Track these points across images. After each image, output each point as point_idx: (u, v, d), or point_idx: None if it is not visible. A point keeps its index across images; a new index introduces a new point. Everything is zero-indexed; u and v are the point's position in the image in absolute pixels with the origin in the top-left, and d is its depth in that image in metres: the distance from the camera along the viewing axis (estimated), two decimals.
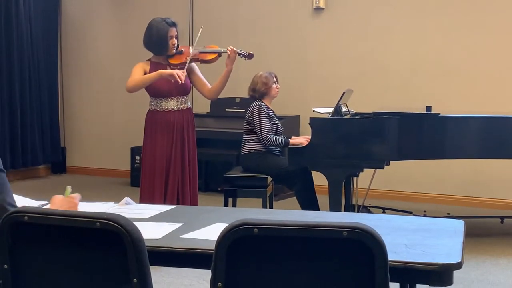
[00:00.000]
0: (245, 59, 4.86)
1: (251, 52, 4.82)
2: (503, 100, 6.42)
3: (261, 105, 5.39)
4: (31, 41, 8.03)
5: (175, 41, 4.67)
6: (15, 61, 7.81)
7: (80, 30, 8.51)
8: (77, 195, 2.52)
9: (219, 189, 6.75)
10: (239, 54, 4.76)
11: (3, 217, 1.89)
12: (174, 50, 4.69)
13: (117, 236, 1.79)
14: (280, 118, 5.75)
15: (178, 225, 2.44)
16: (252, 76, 5.59)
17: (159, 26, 4.63)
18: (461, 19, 6.65)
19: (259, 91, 5.43)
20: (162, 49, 4.66)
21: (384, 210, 5.99)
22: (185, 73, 4.53)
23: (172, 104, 4.67)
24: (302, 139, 5.33)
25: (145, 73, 4.63)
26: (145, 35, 4.70)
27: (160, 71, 4.54)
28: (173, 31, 4.65)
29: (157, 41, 4.64)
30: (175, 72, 4.47)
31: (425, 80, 6.80)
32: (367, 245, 1.71)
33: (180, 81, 4.45)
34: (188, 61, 4.63)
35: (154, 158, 4.65)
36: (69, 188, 2.54)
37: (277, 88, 5.50)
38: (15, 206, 2.08)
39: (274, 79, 5.48)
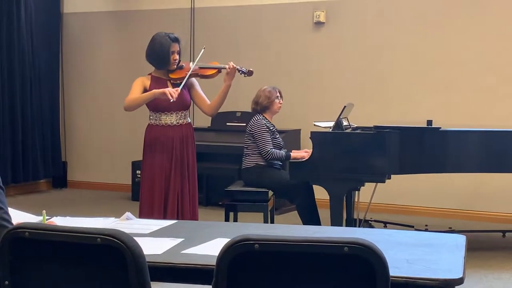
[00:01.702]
0: (245, 76, 4.86)
1: (251, 69, 4.82)
2: (504, 114, 6.43)
3: (262, 119, 5.41)
4: (33, 55, 8.06)
5: (177, 56, 4.68)
6: (17, 75, 7.84)
7: (81, 45, 8.54)
8: (53, 220, 2.60)
9: (220, 203, 6.75)
10: (239, 71, 4.76)
11: (3, 233, 1.89)
12: (175, 66, 4.70)
13: (118, 252, 1.79)
14: (281, 132, 5.76)
15: (179, 240, 2.43)
16: (252, 90, 5.61)
17: (162, 41, 4.64)
18: (461, 33, 6.67)
19: (261, 105, 5.45)
20: (164, 64, 4.67)
21: (385, 224, 5.98)
22: (179, 91, 4.50)
23: (172, 118, 4.67)
24: (303, 153, 5.34)
25: (145, 88, 4.63)
26: (148, 48, 4.71)
27: (153, 91, 4.54)
28: (175, 47, 4.66)
29: (159, 55, 4.64)
30: (167, 90, 4.45)
31: (426, 94, 6.81)
32: (368, 260, 1.71)
33: (171, 99, 4.43)
34: (186, 77, 4.63)
35: (153, 173, 4.64)
36: (44, 212, 2.57)
37: (280, 103, 5.52)
38: (10, 222, 2.08)
39: (278, 95, 5.51)
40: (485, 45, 6.59)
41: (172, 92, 4.42)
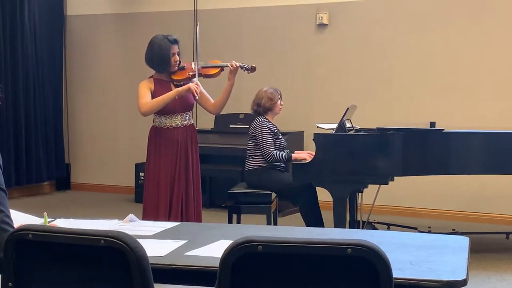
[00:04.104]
0: (248, 72, 4.86)
1: (254, 65, 4.82)
2: (507, 116, 6.42)
3: (264, 120, 5.40)
4: (36, 58, 8.08)
5: (177, 58, 4.68)
6: (20, 78, 7.85)
7: (84, 47, 8.55)
8: (56, 222, 2.62)
9: (223, 205, 6.75)
10: (242, 68, 4.76)
11: (4, 237, 1.90)
12: (176, 67, 4.70)
13: (121, 253, 1.79)
14: (284, 134, 5.75)
15: (182, 242, 2.43)
16: (256, 92, 5.59)
17: (161, 44, 4.63)
18: (464, 34, 6.67)
19: (263, 106, 5.43)
20: (165, 67, 4.66)
21: (388, 226, 5.97)
22: (199, 84, 4.58)
23: (176, 120, 4.67)
24: (305, 154, 5.34)
25: (151, 91, 4.62)
26: (147, 52, 4.69)
27: (177, 89, 4.56)
28: (175, 48, 4.66)
29: (159, 58, 4.63)
30: (192, 87, 4.51)
31: (429, 95, 6.81)
32: (372, 262, 1.71)
33: (197, 96, 4.52)
34: (196, 74, 4.64)
35: (159, 175, 4.64)
36: (45, 214, 2.57)
37: (281, 104, 5.52)
38: (11, 225, 2.08)
39: (279, 96, 5.50)
40: (488, 46, 6.58)
41: (197, 89, 4.51)
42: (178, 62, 4.68)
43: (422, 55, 6.84)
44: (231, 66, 4.68)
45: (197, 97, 4.53)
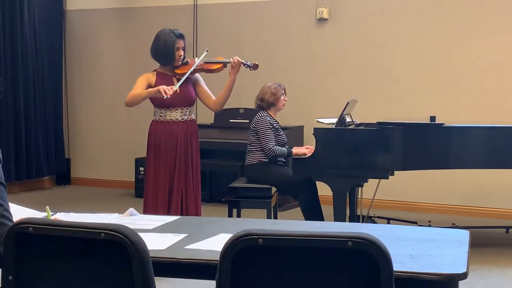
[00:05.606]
0: (250, 70, 4.86)
1: (256, 63, 4.82)
2: (507, 110, 6.41)
3: (266, 116, 5.40)
4: (36, 53, 8.07)
5: (182, 52, 4.69)
6: (20, 73, 7.85)
7: (84, 42, 8.55)
8: (57, 216, 2.60)
9: (223, 200, 6.75)
10: (244, 65, 4.76)
11: (4, 231, 1.90)
12: (180, 62, 4.70)
13: (121, 247, 1.79)
14: (284, 128, 5.76)
15: (182, 235, 2.43)
16: (256, 87, 5.60)
17: (167, 38, 4.65)
18: (465, 30, 6.66)
19: (267, 101, 5.44)
20: (169, 60, 4.68)
21: (388, 220, 5.97)
22: (174, 88, 4.50)
23: (176, 115, 4.68)
24: (304, 149, 5.34)
25: (149, 85, 4.64)
26: (153, 45, 4.73)
27: (149, 89, 4.58)
28: (180, 43, 4.67)
29: (164, 52, 4.65)
30: (161, 88, 4.45)
31: (429, 90, 6.80)
32: (372, 255, 1.71)
33: (164, 96, 4.43)
34: (187, 74, 4.63)
35: (158, 169, 4.65)
36: (48, 208, 2.56)
37: (285, 100, 5.52)
38: (10, 220, 2.08)
39: (283, 91, 5.50)
40: (488, 41, 6.57)
41: (166, 90, 4.44)
42: (182, 57, 4.69)
43: (422, 49, 6.83)
44: (233, 62, 4.68)
45: (165, 97, 4.47)
